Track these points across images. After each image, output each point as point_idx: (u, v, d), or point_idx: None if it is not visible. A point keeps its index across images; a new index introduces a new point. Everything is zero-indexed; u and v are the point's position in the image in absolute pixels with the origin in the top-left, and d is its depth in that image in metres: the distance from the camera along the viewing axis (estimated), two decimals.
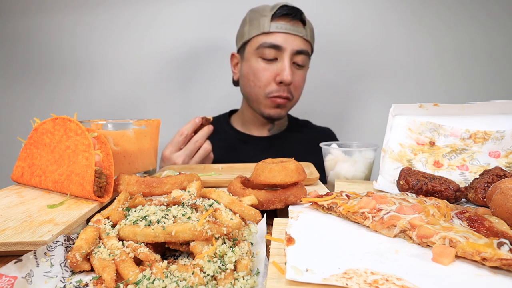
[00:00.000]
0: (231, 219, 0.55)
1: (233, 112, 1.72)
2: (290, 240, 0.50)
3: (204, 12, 1.92)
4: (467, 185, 0.75)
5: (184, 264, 0.47)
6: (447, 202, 0.64)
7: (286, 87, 1.40)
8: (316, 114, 1.92)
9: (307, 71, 1.59)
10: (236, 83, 1.59)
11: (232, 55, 1.58)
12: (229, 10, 1.90)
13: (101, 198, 0.69)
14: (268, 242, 0.54)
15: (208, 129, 1.27)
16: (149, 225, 0.53)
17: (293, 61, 1.40)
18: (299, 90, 1.48)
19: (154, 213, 0.57)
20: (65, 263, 0.49)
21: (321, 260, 0.45)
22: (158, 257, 0.49)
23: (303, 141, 1.59)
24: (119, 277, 0.46)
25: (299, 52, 1.39)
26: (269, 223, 0.63)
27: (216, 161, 1.29)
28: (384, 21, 1.88)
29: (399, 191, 0.78)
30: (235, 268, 0.47)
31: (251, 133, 1.60)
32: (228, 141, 1.59)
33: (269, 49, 1.38)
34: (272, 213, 0.72)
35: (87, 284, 0.46)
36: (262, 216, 0.62)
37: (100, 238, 0.54)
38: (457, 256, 0.46)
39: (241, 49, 1.51)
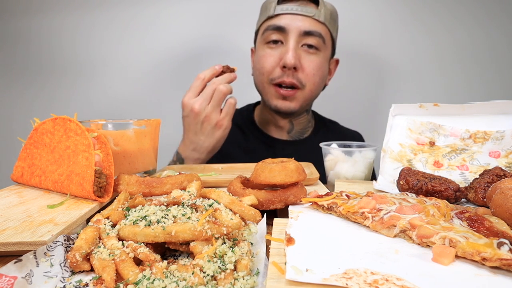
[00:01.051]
0: (231, 219, 0.55)
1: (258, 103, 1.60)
2: (290, 240, 0.50)
3: (204, 12, 1.92)
4: (467, 185, 0.75)
5: (184, 264, 0.47)
6: (447, 202, 0.64)
7: (291, 72, 1.27)
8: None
9: (335, 64, 1.48)
10: None
11: (251, 50, 1.51)
12: (230, 10, 1.90)
13: (101, 198, 0.69)
14: (268, 242, 0.54)
15: (229, 76, 1.18)
16: (149, 225, 0.53)
17: (302, 43, 1.27)
18: (311, 78, 1.30)
19: (154, 213, 0.57)
20: (65, 263, 0.49)
21: (321, 260, 0.45)
22: (158, 257, 0.49)
23: None
24: (119, 277, 0.46)
25: (308, 33, 1.26)
26: (269, 223, 0.63)
27: (236, 161, 1.21)
28: (384, 21, 1.88)
29: (399, 191, 0.78)
30: (235, 268, 0.47)
31: (270, 133, 1.50)
32: (250, 142, 1.48)
33: (273, 32, 1.28)
34: (272, 213, 0.72)
35: (87, 284, 0.46)
36: (262, 216, 0.62)
37: (100, 238, 0.54)
38: (457, 256, 0.46)
39: (255, 42, 1.45)
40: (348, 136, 1.56)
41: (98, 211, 0.63)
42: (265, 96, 1.39)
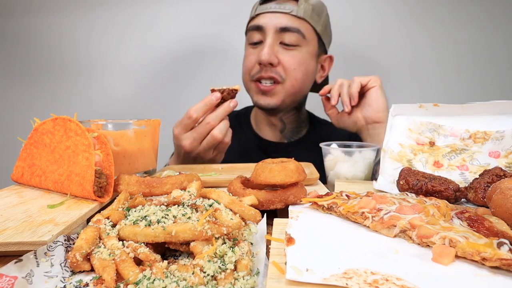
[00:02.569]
0: (231, 219, 0.55)
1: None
2: (290, 240, 0.50)
3: (204, 12, 1.92)
4: (467, 185, 0.75)
5: (184, 264, 0.47)
6: (447, 202, 0.64)
7: (268, 68, 1.28)
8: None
9: (329, 61, 1.47)
10: None
11: None
12: (230, 10, 1.91)
13: (101, 198, 0.69)
14: (268, 242, 0.54)
15: (226, 109, 1.08)
16: (149, 225, 0.53)
17: (280, 41, 1.29)
18: (292, 73, 1.30)
19: (154, 213, 0.57)
20: (65, 263, 0.49)
21: (321, 260, 0.45)
22: (158, 257, 0.49)
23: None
24: (119, 277, 0.46)
25: (285, 30, 1.28)
26: (269, 223, 0.63)
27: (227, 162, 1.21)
28: (383, 21, 1.88)
29: (399, 191, 0.78)
30: (235, 268, 0.47)
31: (264, 134, 1.51)
32: (245, 145, 1.48)
33: (254, 32, 1.32)
34: (272, 213, 0.72)
35: (87, 284, 0.46)
36: (262, 216, 0.62)
37: (100, 238, 0.54)
38: (457, 256, 0.46)
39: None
40: (343, 136, 1.52)
41: (98, 211, 0.63)
42: (249, 93, 1.40)
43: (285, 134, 1.51)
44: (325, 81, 1.51)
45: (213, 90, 1.12)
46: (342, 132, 1.57)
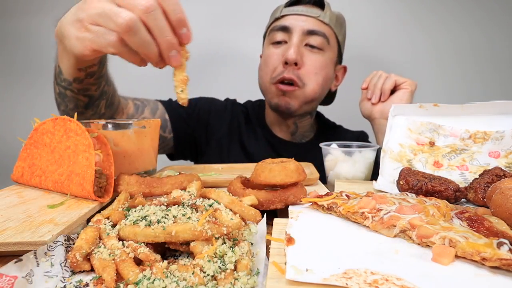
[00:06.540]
0: (231, 219, 0.55)
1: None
2: (290, 240, 0.50)
3: (206, 14, 1.92)
4: (467, 185, 0.75)
5: (184, 264, 0.47)
6: (447, 202, 0.64)
7: (292, 68, 1.27)
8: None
9: (342, 71, 1.48)
10: None
11: (260, 57, 1.50)
12: (233, 13, 1.91)
13: (101, 198, 0.69)
14: (268, 242, 0.54)
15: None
16: (149, 225, 0.53)
17: (305, 42, 1.29)
18: (313, 77, 1.29)
19: (154, 213, 0.57)
20: (65, 263, 0.49)
21: (321, 260, 0.45)
22: (158, 257, 0.49)
23: None
24: (119, 277, 0.46)
25: (311, 32, 1.28)
26: (269, 223, 0.63)
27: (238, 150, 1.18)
28: (382, 21, 1.88)
29: (399, 191, 0.78)
30: (235, 268, 0.47)
31: (275, 133, 1.50)
32: (256, 141, 1.47)
33: (278, 32, 1.31)
34: (272, 213, 0.72)
35: (87, 284, 0.46)
36: (262, 216, 0.62)
37: (100, 238, 0.54)
38: (457, 256, 0.46)
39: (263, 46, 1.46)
40: (352, 139, 1.51)
41: (98, 211, 0.63)
42: (267, 96, 1.40)
43: (295, 137, 1.50)
44: (334, 92, 1.53)
45: None
46: (349, 135, 1.59)
